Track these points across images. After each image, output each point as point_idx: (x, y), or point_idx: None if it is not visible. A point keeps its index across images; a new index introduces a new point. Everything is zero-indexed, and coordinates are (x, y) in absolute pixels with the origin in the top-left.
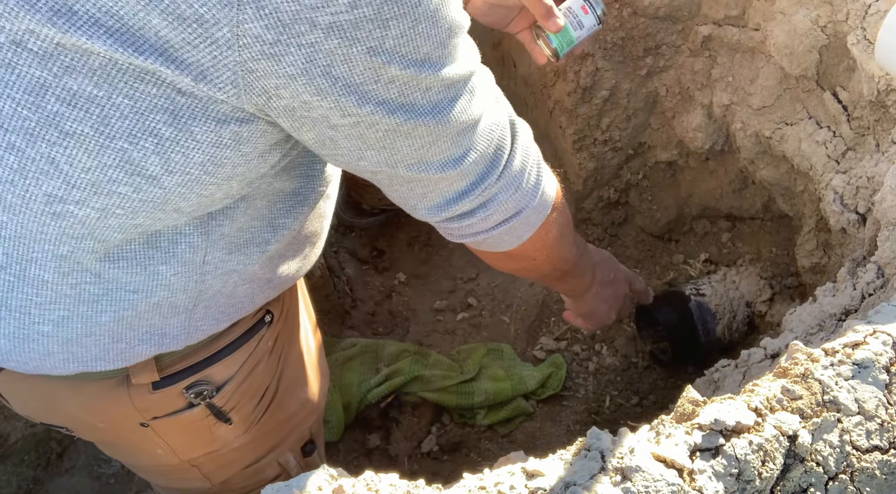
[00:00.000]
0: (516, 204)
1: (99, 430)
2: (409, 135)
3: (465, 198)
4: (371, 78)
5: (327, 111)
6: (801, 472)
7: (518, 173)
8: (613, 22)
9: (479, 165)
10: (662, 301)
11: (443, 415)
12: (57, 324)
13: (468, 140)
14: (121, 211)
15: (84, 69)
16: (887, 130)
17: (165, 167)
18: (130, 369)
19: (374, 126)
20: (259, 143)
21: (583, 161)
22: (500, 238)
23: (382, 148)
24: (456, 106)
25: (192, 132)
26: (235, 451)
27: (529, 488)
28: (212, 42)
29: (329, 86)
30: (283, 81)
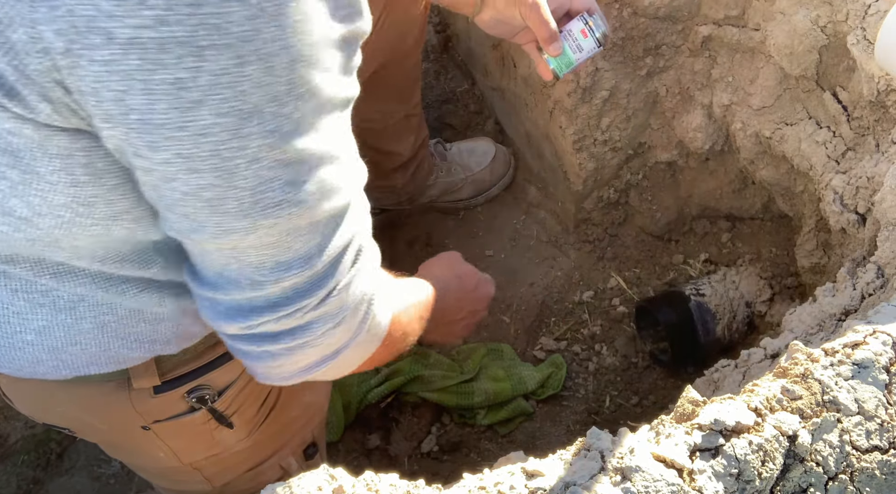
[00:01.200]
0: (333, 340)
1: (101, 432)
2: (217, 209)
3: (272, 311)
4: (175, 120)
5: (120, 143)
6: (800, 472)
7: (346, 304)
8: (613, 22)
9: (303, 277)
10: (662, 301)
11: (443, 415)
12: (39, 333)
13: (298, 243)
14: (17, 246)
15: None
16: (887, 130)
17: (32, 210)
18: (131, 372)
19: (171, 182)
20: (122, 173)
21: (583, 161)
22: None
23: (183, 216)
24: (290, 192)
25: (39, 173)
26: (237, 455)
27: (529, 488)
28: (9, 48)
29: (120, 115)
30: (78, 96)
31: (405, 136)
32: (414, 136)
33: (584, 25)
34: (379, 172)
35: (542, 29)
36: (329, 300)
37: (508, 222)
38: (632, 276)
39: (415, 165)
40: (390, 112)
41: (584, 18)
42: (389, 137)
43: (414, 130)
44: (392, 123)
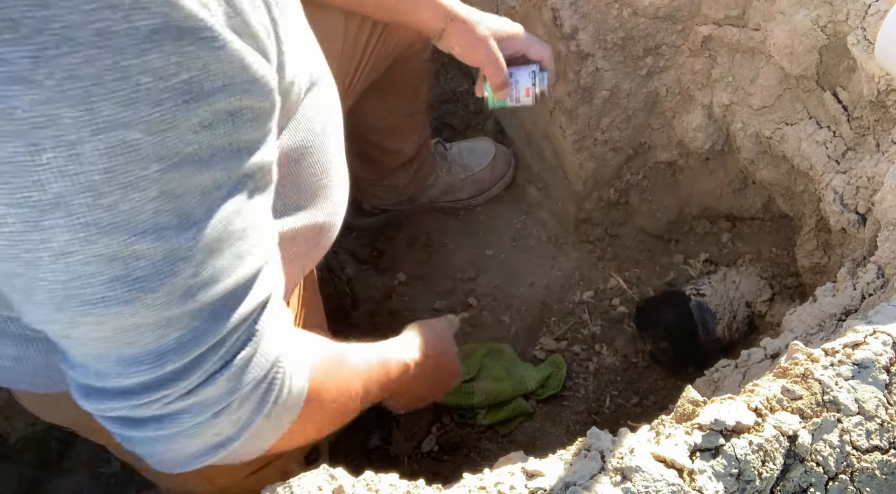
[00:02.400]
0: (214, 431)
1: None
2: (29, 298)
3: (125, 398)
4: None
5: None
6: (801, 472)
7: (226, 392)
8: (613, 22)
9: (159, 373)
10: (662, 301)
11: (443, 415)
12: (17, 360)
13: (144, 339)
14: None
15: None
16: (887, 130)
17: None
18: None
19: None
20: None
21: (583, 161)
22: None
23: (3, 298)
24: (118, 290)
25: None
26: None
27: (529, 488)
28: None
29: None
30: None
31: (409, 134)
32: (417, 134)
33: (530, 84)
34: (381, 170)
35: (495, 79)
36: (200, 391)
37: (508, 222)
38: (632, 276)
39: (417, 164)
40: (395, 109)
41: (534, 75)
42: (393, 134)
43: (418, 128)
44: (396, 120)
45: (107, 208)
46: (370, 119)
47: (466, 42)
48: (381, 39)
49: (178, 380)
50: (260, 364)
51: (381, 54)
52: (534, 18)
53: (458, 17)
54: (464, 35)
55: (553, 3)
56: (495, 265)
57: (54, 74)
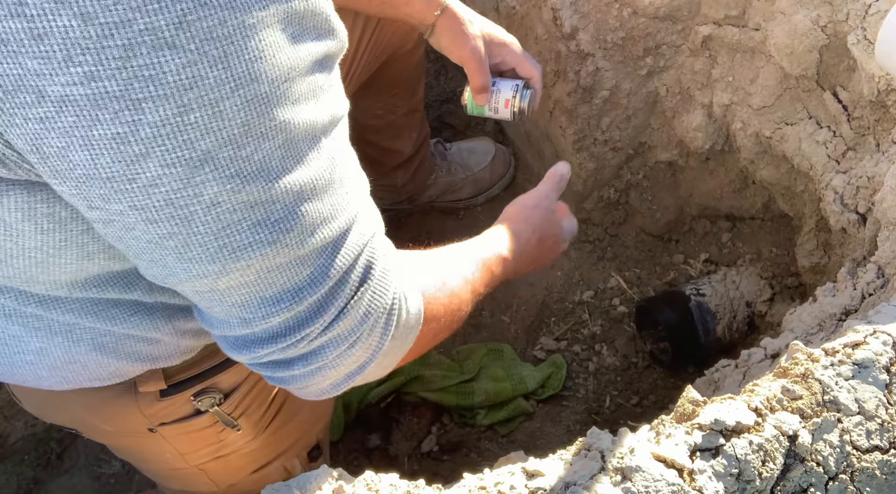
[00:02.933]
0: (352, 360)
1: (107, 434)
2: (183, 255)
3: (274, 342)
4: (122, 172)
5: (71, 198)
6: (801, 472)
7: (358, 324)
8: (613, 22)
9: (298, 310)
10: (662, 301)
11: (443, 415)
12: (38, 354)
13: (283, 278)
14: (1, 280)
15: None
16: (887, 130)
17: (4, 253)
18: (137, 377)
19: (131, 231)
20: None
21: (583, 161)
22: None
23: (151, 262)
24: (261, 233)
25: (6, 221)
26: (243, 456)
27: (529, 488)
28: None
29: (67, 170)
30: (22, 152)
31: (407, 133)
32: (416, 133)
33: (511, 96)
34: (380, 169)
35: (476, 79)
36: (336, 325)
37: None
38: (632, 276)
39: (416, 163)
40: (393, 108)
41: (517, 88)
42: (391, 133)
43: (416, 127)
44: (394, 119)
45: (245, 158)
46: (369, 118)
47: (454, 36)
48: (373, 37)
49: (316, 317)
50: (382, 292)
51: (374, 52)
52: (534, 18)
53: (449, 11)
54: (452, 29)
55: (553, 3)
56: None
57: (195, 38)
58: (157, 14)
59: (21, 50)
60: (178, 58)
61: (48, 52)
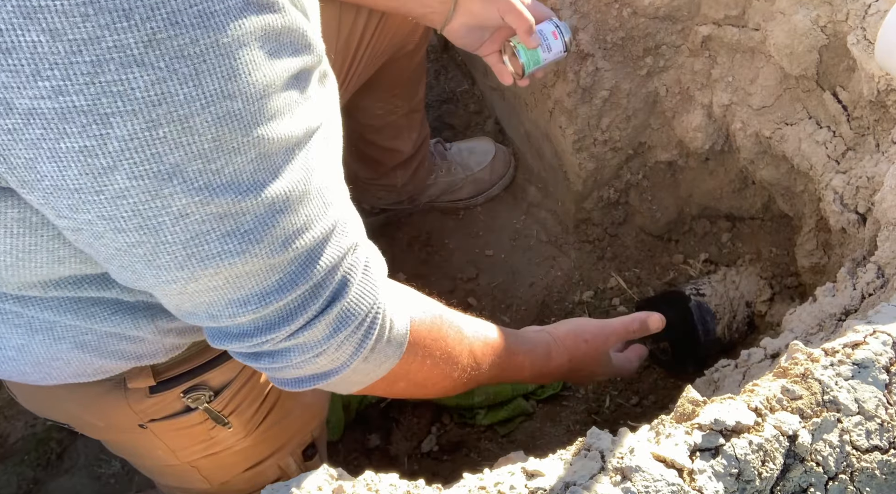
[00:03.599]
0: (317, 367)
1: (100, 429)
2: (151, 263)
3: (241, 340)
4: (90, 185)
5: (40, 206)
6: (801, 472)
7: (325, 337)
8: (613, 22)
9: (264, 313)
10: (662, 301)
11: (443, 415)
12: (19, 350)
13: (251, 283)
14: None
15: None
16: (887, 130)
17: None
18: (126, 373)
19: (100, 239)
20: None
21: (583, 161)
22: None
23: (121, 267)
24: (230, 243)
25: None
26: (236, 454)
27: (529, 488)
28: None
29: (35, 181)
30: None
31: (407, 133)
32: (416, 133)
33: (554, 27)
34: (380, 169)
35: (521, 21)
36: (301, 334)
37: (508, 222)
38: (632, 276)
39: (416, 163)
40: (393, 108)
41: (555, 22)
42: (392, 133)
43: (416, 127)
44: (394, 119)
45: (215, 172)
46: (368, 118)
47: (483, 5)
48: (374, 37)
49: (282, 324)
50: (355, 312)
51: (375, 52)
52: None
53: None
54: (479, 1)
55: (553, 2)
56: (495, 265)
57: (165, 56)
58: (126, 32)
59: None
60: (146, 75)
61: (16, 65)
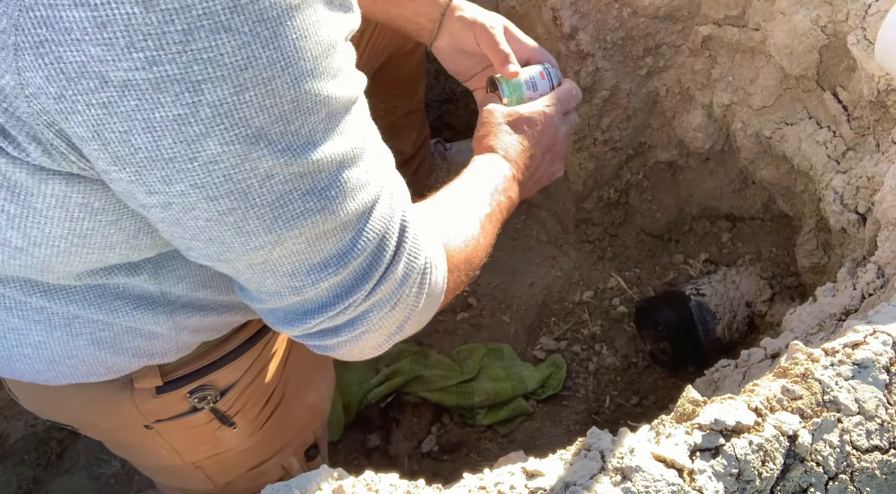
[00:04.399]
0: (393, 321)
1: (103, 430)
2: (241, 229)
3: (323, 311)
4: (184, 153)
5: (129, 185)
6: (801, 472)
7: (397, 286)
8: (613, 22)
9: (344, 275)
10: (662, 301)
11: (443, 415)
12: (36, 347)
13: (329, 244)
14: (10, 271)
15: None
16: (887, 130)
17: (28, 241)
18: (133, 373)
19: (191, 211)
20: (120, 209)
21: (583, 161)
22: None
23: (209, 240)
24: (311, 201)
25: (36, 208)
26: (239, 454)
27: (529, 488)
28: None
29: (128, 155)
30: (77, 141)
31: (407, 133)
32: (416, 133)
33: (542, 69)
34: None
35: (496, 52)
36: (378, 289)
37: (508, 221)
38: (632, 276)
39: (416, 164)
40: (392, 108)
41: (546, 66)
42: (391, 134)
43: (416, 127)
44: (394, 119)
45: (294, 133)
46: None
47: (464, 24)
48: (372, 37)
49: (362, 283)
50: (416, 254)
51: (373, 53)
52: (534, 18)
53: (456, 8)
54: (463, 20)
55: (553, 3)
56: (495, 265)
57: (248, 20)
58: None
59: (85, 37)
60: (233, 40)
61: (111, 38)
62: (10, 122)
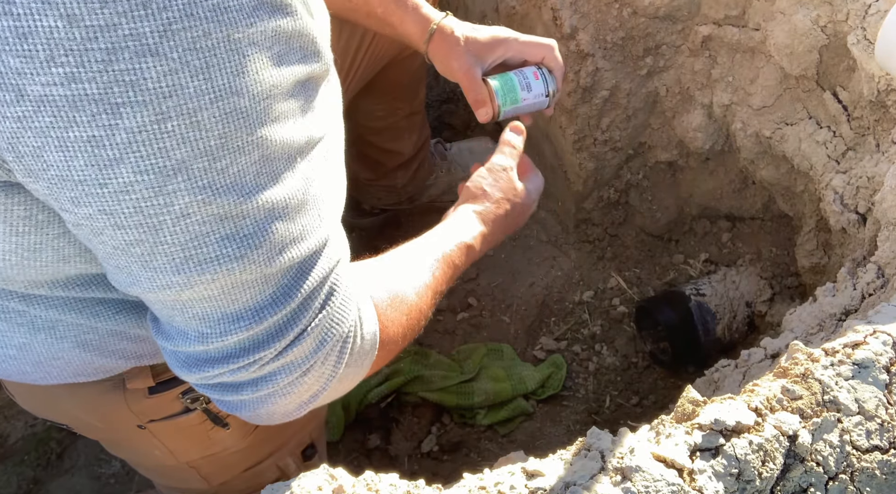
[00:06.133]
0: (304, 388)
1: (98, 429)
2: (147, 264)
3: (225, 363)
4: (94, 177)
5: (45, 197)
6: (801, 472)
7: (312, 352)
8: (613, 22)
9: (256, 330)
10: (662, 301)
11: (443, 415)
12: (20, 349)
13: (246, 296)
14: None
15: None
16: (887, 130)
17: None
18: (125, 373)
19: (99, 236)
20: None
21: (583, 161)
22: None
23: (117, 268)
24: (229, 247)
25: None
26: (234, 455)
27: (529, 488)
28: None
29: (40, 170)
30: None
31: (407, 134)
32: (416, 135)
33: (536, 69)
34: (380, 170)
35: (468, 95)
36: (289, 351)
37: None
38: (632, 276)
39: (416, 164)
40: (393, 110)
41: (541, 68)
42: (392, 135)
43: (416, 128)
44: (395, 121)
45: (220, 171)
46: (369, 120)
47: (443, 58)
48: (372, 42)
49: (273, 341)
50: (340, 321)
51: (373, 57)
52: (534, 18)
53: (439, 33)
54: (441, 51)
55: (553, 3)
56: (495, 265)
57: (178, 47)
58: (143, 21)
59: (5, 48)
60: (159, 65)
61: (31, 51)
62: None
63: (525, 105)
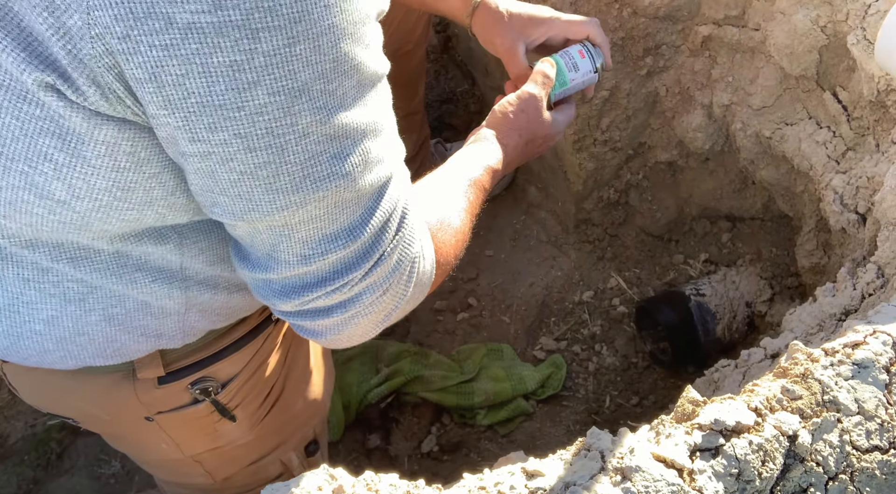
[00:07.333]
0: (383, 307)
1: (104, 422)
2: (271, 186)
3: (322, 286)
4: (233, 100)
5: (175, 131)
6: (801, 472)
7: (390, 272)
8: (613, 22)
9: (350, 250)
10: (662, 301)
11: (443, 415)
12: (48, 323)
13: (344, 216)
14: (47, 229)
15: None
16: (887, 130)
17: (71, 193)
18: (136, 363)
19: (228, 162)
20: (163, 161)
21: (583, 161)
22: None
23: (237, 196)
24: (336, 165)
25: (85, 157)
26: (239, 448)
27: (529, 488)
28: (65, 33)
29: (181, 99)
30: (134, 84)
31: (407, 135)
32: (416, 134)
33: (581, 47)
34: None
35: (510, 70)
36: (374, 271)
37: (508, 222)
38: (632, 276)
39: (416, 165)
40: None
41: (585, 44)
42: None
43: (416, 128)
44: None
45: (331, 93)
46: None
47: (487, 33)
48: None
49: (361, 261)
50: (410, 243)
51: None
52: None
53: (483, 7)
54: (486, 26)
55: (553, 2)
56: (495, 265)
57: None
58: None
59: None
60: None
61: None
62: (72, 64)
63: (574, 85)
